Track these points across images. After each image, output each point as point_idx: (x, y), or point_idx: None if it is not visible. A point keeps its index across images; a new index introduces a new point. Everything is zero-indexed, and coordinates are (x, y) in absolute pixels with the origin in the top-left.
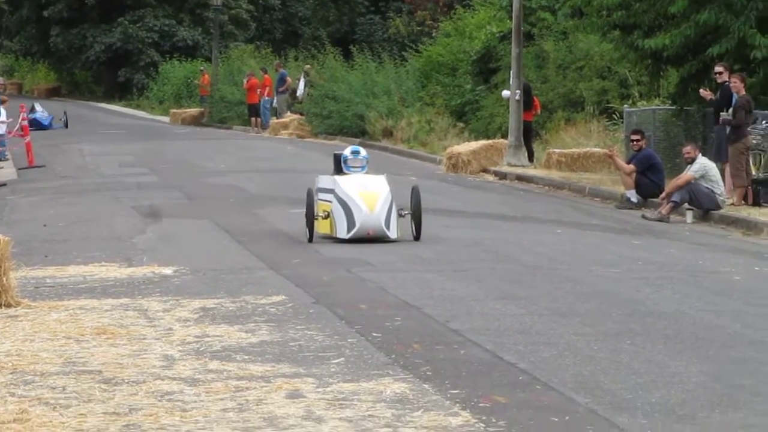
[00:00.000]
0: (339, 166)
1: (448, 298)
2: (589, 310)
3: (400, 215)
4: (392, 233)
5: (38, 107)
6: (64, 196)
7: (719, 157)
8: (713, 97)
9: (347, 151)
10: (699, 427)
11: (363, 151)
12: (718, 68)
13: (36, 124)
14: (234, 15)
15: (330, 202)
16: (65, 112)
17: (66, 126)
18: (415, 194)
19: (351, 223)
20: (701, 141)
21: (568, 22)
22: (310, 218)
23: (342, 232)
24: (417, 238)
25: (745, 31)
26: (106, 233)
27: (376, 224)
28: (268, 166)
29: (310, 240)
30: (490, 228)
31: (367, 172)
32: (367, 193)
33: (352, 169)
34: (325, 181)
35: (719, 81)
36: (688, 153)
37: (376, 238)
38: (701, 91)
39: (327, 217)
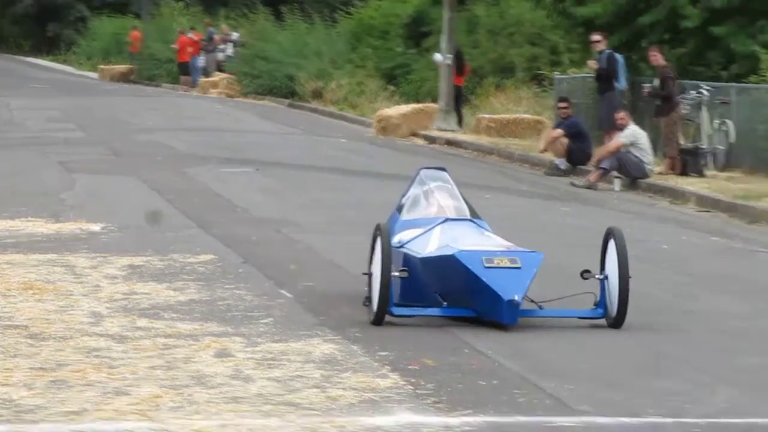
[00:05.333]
0: None
1: None
2: None
3: None
4: None
5: None
6: None
7: (602, 126)
8: (599, 66)
9: None
10: (624, 394)
11: None
12: (595, 36)
13: None
14: None
15: None
16: None
17: None
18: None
19: None
20: (630, 110)
21: None
22: None
23: None
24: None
25: (676, 1)
26: (34, 188)
27: None
28: (197, 124)
29: None
30: None
31: None
32: None
33: None
34: None
35: (597, 50)
36: (621, 119)
37: None
38: (588, 62)
39: None
